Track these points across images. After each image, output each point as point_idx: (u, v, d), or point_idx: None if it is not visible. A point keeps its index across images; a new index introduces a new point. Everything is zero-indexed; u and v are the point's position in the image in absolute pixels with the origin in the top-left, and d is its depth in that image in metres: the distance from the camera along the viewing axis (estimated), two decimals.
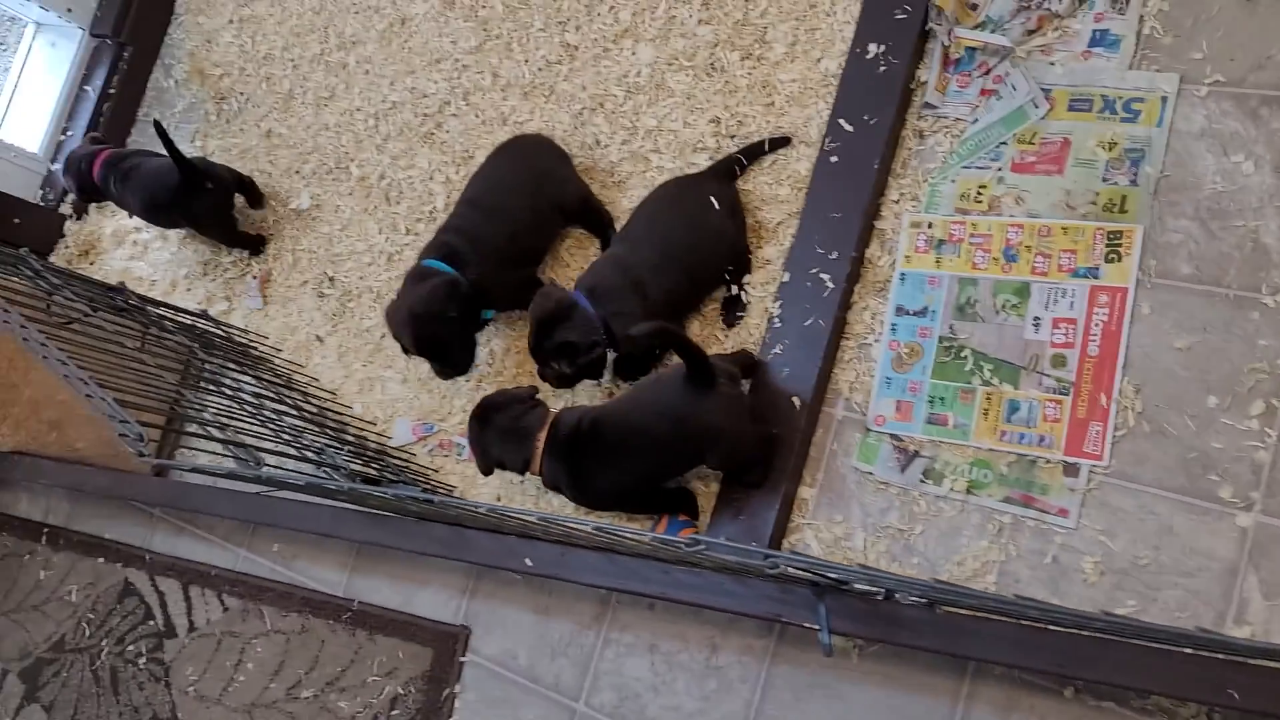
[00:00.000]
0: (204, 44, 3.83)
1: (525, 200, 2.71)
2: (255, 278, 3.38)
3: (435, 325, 2.60)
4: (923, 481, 2.26)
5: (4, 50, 4.26)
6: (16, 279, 2.63)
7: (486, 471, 2.44)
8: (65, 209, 3.89)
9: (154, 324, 2.88)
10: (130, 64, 3.90)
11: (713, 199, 2.51)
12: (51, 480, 3.09)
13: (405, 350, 2.73)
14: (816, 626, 1.88)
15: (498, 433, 2.37)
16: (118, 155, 3.42)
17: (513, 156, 2.82)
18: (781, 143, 2.64)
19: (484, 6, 3.23)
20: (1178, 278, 2.15)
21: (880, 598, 1.86)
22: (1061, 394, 2.19)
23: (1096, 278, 2.22)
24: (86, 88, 3.92)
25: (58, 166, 3.85)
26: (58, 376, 2.17)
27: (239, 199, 3.45)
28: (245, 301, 3.38)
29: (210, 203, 3.30)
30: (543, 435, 2.32)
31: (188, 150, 3.69)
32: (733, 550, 1.48)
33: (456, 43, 3.25)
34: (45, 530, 3.45)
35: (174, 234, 3.61)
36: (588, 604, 2.46)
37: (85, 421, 3.08)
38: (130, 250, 3.69)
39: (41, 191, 3.93)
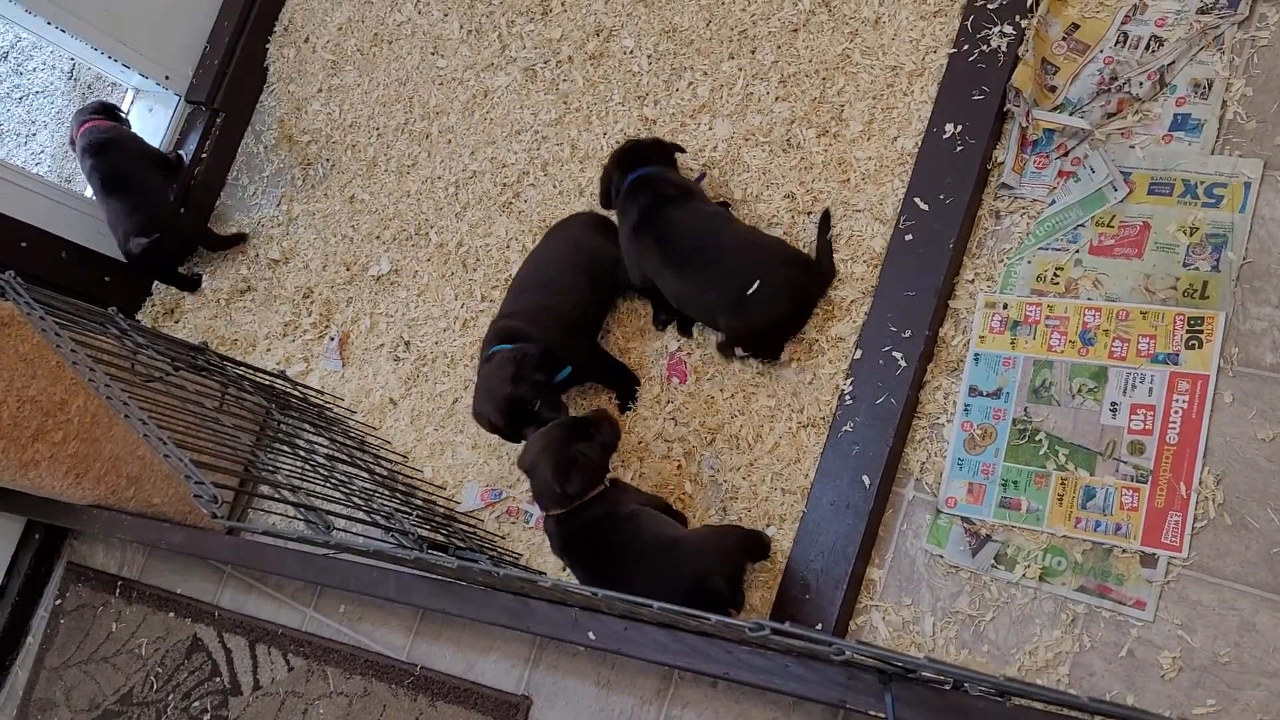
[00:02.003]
0: (293, 111, 3.95)
1: (579, 273, 2.78)
2: (334, 339, 3.44)
3: (515, 391, 2.57)
4: (994, 566, 2.22)
5: None
6: (104, 337, 2.71)
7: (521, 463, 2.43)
8: None
9: (233, 383, 2.95)
10: (222, 129, 4.04)
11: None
12: (129, 535, 3.15)
13: (501, 433, 2.71)
14: (882, 715, 1.84)
15: (565, 470, 2.33)
16: (96, 144, 3.67)
17: (559, 236, 2.90)
18: (825, 221, 2.65)
19: (564, 80, 3.29)
20: (1261, 366, 2.10)
21: (948, 687, 1.81)
22: (1139, 482, 2.14)
23: (1176, 364, 2.18)
24: (180, 151, 4.05)
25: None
26: (138, 434, 2.21)
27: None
28: (323, 363, 3.44)
29: (157, 261, 3.75)
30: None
31: (272, 212, 3.80)
32: (796, 635, 1.45)
33: (537, 115, 3.31)
34: (119, 583, 3.52)
35: (257, 297, 3.71)
36: (650, 679, 2.44)
37: (163, 478, 3.15)
38: (214, 310, 3.78)
39: None
